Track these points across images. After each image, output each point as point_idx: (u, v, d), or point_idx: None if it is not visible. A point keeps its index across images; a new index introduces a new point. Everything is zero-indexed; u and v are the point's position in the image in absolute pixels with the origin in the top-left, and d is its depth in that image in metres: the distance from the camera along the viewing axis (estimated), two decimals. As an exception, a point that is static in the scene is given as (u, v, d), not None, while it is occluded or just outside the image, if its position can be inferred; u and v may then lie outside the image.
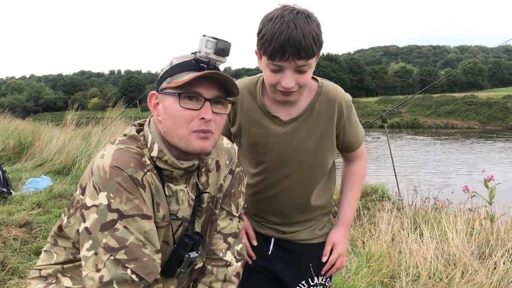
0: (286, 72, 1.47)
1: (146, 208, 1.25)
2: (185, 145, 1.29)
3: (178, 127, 1.28)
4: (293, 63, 1.43)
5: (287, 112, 1.63)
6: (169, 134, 1.31)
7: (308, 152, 1.64)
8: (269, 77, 1.51)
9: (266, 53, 1.45)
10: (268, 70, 1.50)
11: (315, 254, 1.77)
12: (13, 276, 3.16)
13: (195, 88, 1.28)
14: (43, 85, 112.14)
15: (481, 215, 4.18)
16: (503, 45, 6.71)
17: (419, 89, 76.66)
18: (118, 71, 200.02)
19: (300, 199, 1.70)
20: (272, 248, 1.75)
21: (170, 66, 1.33)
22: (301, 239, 1.75)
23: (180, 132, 1.29)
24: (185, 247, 1.36)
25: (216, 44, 1.29)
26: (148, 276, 1.22)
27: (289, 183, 1.67)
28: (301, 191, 1.69)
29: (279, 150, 1.64)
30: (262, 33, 1.45)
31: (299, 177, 1.67)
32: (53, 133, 8.85)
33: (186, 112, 1.27)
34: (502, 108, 46.78)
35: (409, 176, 13.52)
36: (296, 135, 1.63)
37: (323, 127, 1.63)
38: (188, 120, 1.28)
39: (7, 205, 4.87)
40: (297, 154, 1.64)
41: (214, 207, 1.48)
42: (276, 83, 1.51)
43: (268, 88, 1.57)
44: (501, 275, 3.01)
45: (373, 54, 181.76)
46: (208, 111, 1.28)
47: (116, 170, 1.22)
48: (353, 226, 4.37)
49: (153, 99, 1.36)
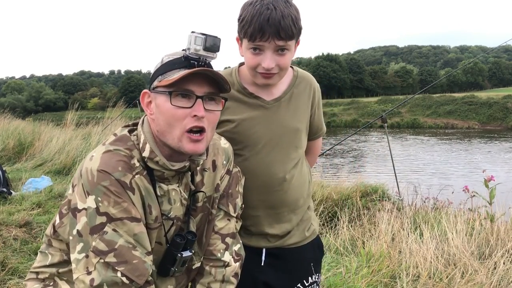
0: (266, 53, 1.50)
1: (135, 210, 1.25)
2: (177, 146, 1.29)
3: (171, 126, 1.28)
4: (273, 43, 1.47)
5: (268, 93, 1.66)
6: (162, 133, 1.30)
7: (290, 131, 1.66)
8: (250, 59, 1.54)
9: (247, 35, 1.49)
10: (249, 53, 1.53)
11: (307, 254, 1.76)
12: (13, 276, 3.16)
13: (186, 86, 1.27)
14: (43, 85, 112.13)
15: (481, 215, 4.18)
16: (503, 45, 6.71)
17: (419, 89, 76.66)
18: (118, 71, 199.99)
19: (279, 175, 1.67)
20: (264, 258, 1.71)
21: (161, 64, 1.32)
22: (292, 243, 1.73)
23: (174, 131, 1.28)
24: (177, 246, 1.36)
25: (205, 40, 1.28)
26: (138, 278, 1.22)
27: (270, 160, 1.65)
28: (280, 169, 1.66)
29: (263, 130, 1.64)
30: (243, 16, 1.50)
31: (279, 156, 1.66)
32: (53, 133, 8.85)
33: (178, 110, 1.27)
34: (502, 108, 46.76)
35: (409, 176, 13.52)
36: (280, 114, 1.65)
37: (302, 108, 1.70)
38: (180, 119, 1.27)
39: (7, 205, 4.87)
40: (279, 133, 1.65)
41: (211, 207, 1.47)
42: (257, 65, 1.53)
43: (249, 71, 1.59)
44: (501, 275, 3.01)
45: (373, 54, 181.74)
46: (200, 108, 1.27)
47: (103, 174, 1.23)
48: (353, 226, 4.37)
49: (145, 98, 1.35)
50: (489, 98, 49.65)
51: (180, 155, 1.32)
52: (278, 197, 1.68)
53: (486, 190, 4.27)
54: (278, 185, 1.67)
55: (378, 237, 3.78)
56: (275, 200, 1.68)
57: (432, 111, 50.20)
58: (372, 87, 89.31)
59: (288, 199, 1.70)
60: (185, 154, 1.31)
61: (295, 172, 1.71)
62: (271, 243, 1.71)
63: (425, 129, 45.47)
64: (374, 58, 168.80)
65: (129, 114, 10.20)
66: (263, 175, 1.65)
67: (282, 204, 1.69)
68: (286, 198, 1.69)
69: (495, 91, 67.67)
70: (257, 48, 1.51)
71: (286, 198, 1.69)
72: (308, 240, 1.78)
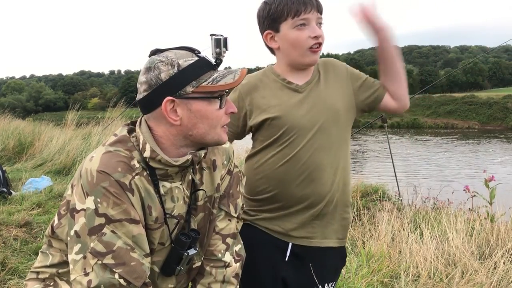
0: (312, 24, 1.61)
1: (134, 212, 1.25)
2: (217, 141, 1.35)
3: (213, 127, 1.32)
4: (315, 14, 1.61)
5: (301, 78, 1.71)
6: (200, 136, 1.32)
7: (329, 111, 1.68)
8: (299, 36, 1.61)
9: (290, 13, 1.59)
10: (295, 31, 1.61)
11: (330, 260, 1.74)
12: (13, 276, 3.16)
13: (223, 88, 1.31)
14: (43, 85, 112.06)
15: (481, 215, 4.18)
16: (503, 45, 6.72)
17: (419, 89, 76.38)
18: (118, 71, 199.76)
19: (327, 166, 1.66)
20: (289, 254, 1.70)
21: (181, 69, 1.26)
22: (318, 241, 1.71)
23: (215, 130, 1.33)
24: (183, 245, 1.36)
25: (220, 41, 1.46)
26: (136, 280, 1.22)
27: (316, 146, 1.66)
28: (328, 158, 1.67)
29: (302, 113, 1.66)
30: (276, 4, 1.61)
31: (325, 141, 1.67)
32: (53, 133, 8.84)
33: (221, 111, 1.33)
34: (502, 108, 46.75)
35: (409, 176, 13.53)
36: (315, 95, 1.69)
37: (335, 86, 1.73)
38: (219, 118, 1.33)
39: (7, 205, 4.87)
40: (318, 114, 1.67)
41: (211, 206, 1.47)
42: (307, 39, 1.60)
43: (297, 51, 1.64)
44: (501, 275, 3.01)
45: (373, 54, 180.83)
46: (231, 105, 1.37)
47: (102, 175, 1.22)
48: (353, 226, 4.37)
49: (168, 105, 1.28)
50: (489, 98, 49.64)
51: (179, 151, 1.33)
52: (319, 188, 1.66)
53: (487, 190, 4.27)
54: (322, 173, 1.66)
55: (378, 237, 3.78)
56: (316, 192, 1.66)
57: (432, 111, 50.20)
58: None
59: (328, 190, 1.67)
60: (214, 145, 1.39)
61: (340, 162, 1.70)
62: (298, 239, 1.70)
63: (425, 129, 45.46)
64: (374, 58, 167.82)
65: (129, 114, 10.19)
66: (307, 162, 1.65)
67: (321, 197, 1.67)
68: (326, 189, 1.67)
69: (495, 91, 67.65)
70: (303, 24, 1.60)
71: (325, 190, 1.67)
72: (336, 245, 1.75)
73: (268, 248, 1.70)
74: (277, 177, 1.68)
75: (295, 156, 1.65)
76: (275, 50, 1.71)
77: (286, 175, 1.67)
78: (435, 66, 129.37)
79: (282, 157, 1.67)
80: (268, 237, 1.71)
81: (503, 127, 43.62)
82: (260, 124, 1.70)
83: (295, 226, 1.69)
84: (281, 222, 1.70)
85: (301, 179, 1.66)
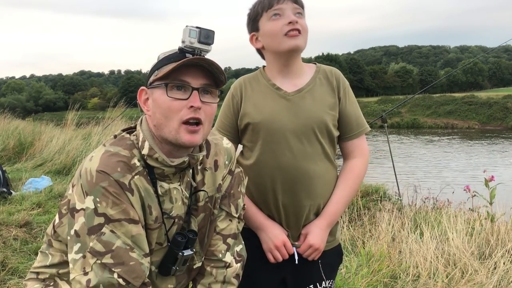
0: (286, 12, 1.61)
1: (133, 212, 1.25)
2: (175, 138, 1.28)
3: (168, 118, 1.28)
4: (290, 4, 1.61)
5: (292, 85, 1.69)
6: (159, 127, 1.30)
7: (314, 122, 1.65)
8: (273, 26, 1.62)
9: (265, 7, 1.62)
10: (270, 22, 1.62)
11: (325, 259, 1.74)
12: (13, 276, 3.16)
13: (182, 77, 1.27)
14: (43, 85, 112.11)
15: (481, 215, 4.18)
16: (503, 45, 6.71)
17: (419, 89, 76.62)
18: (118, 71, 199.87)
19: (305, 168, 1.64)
20: (297, 256, 1.69)
21: (157, 61, 1.33)
22: None
23: (171, 124, 1.28)
24: (179, 245, 1.36)
25: (199, 33, 1.29)
26: (134, 280, 1.22)
27: (295, 152, 1.63)
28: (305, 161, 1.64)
29: (286, 120, 1.64)
30: (253, 6, 1.67)
31: (304, 148, 1.64)
32: (53, 133, 8.85)
33: (175, 102, 1.27)
34: (502, 108, 46.73)
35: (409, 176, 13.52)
36: (302, 105, 1.66)
37: (327, 99, 1.69)
38: (177, 110, 1.27)
39: (7, 205, 4.87)
40: (303, 123, 1.64)
41: (212, 207, 1.47)
42: (282, 27, 1.60)
43: (275, 39, 1.63)
44: (501, 275, 3.01)
45: (373, 54, 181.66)
46: (196, 99, 1.27)
47: (102, 174, 1.22)
48: (353, 226, 4.37)
49: (142, 95, 1.35)
50: (489, 98, 49.64)
51: (179, 149, 1.32)
52: (303, 193, 1.65)
53: (487, 190, 4.27)
54: (304, 179, 1.64)
55: (378, 237, 3.78)
56: (300, 196, 1.65)
57: (432, 111, 50.20)
58: (372, 87, 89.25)
59: (314, 194, 1.66)
60: (182, 146, 1.30)
61: (323, 167, 1.67)
62: (293, 240, 1.70)
63: (425, 129, 45.45)
64: (374, 58, 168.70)
65: (129, 114, 10.19)
66: (289, 167, 1.63)
67: (307, 200, 1.65)
68: (312, 194, 1.65)
69: (495, 91, 67.65)
70: (277, 13, 1.61)
71: (311, 194, 1.65)
72: (330, 247, 1.75)
73: None
74: (259, 183, 1.67)
75: (274, 163, 1.64)
76: (262, 51, 1.71)
77: (266, 181, 1.65)
78: (435, 66, 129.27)
79: (263, 165, 1.65)
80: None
81: (503, 127, 43.59)
82: (244, 128, 1.70)
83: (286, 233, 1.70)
84: None
85: (283, 187, 1.65)
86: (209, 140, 1.48)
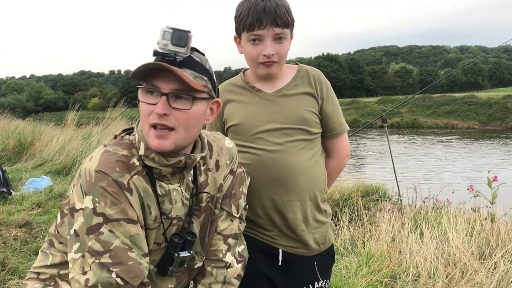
0: (266, 41, 1.58)
1: (132, 212, 1.25)
2: (146, 142, 1.28)
3: (143, 121, 1.29)
4: (271, 30, 1.57)
5: (272, 87, 1.70)
6: (142, 129, 1.31)
7: (295, 121, 1.66)
8: (251, 51, 1.61)
9: (246, 27, 1.58)
10: (249, 45, 1.61)
11: (317, 260, 1.75)
12: (13, 276, 3.16)
13: (153, 81, 1.25)
14: (43, 85, 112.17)
15: (482, 216, 4.18)
16: (503, 45, 6.71)
17: (419, 89, 76.62)
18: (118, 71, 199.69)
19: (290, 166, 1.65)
20: (281, 259, 1.69)
21: None
22: (306, 251, 1.72)
23: (144, 127, 1.28)
24: (175, 246, 1.36)
25: (172, 34, 1.23)
26: (133, 280, 1.22)
27: (277, 150, 1.65)
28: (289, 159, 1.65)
29: (265, 120, 1.66)
30: (239, 12, 1.61)
31: (286, 147, 1.65)
32: (53, 133, 8.85)
33: (145, 106, 1.26)
34: (502, 108, 46.73)
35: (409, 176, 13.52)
36: (282, 105, 1.67)
37: (306, 99, 1.70)
38: (148, 114, 1.26)
39: (7, 205, 4.88)
40: (283, 122, 1.66)
41: (213, 207, 1.47)
42: (258, 55, 1.60)
43: (251, 64, 1.65)
44: (501, 275, 3.01)
45: (373, 54, 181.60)
46: (160, 105, 1.23)
47: (100, 174, 1.23)
48: (353, 226, 4.37)
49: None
50: (489, 98, 49.63)
51: (174, 152, 1.31)
52: (286, 188, 1.66)
53: (488, 190, 4.26)
54: (286, 175, 1.65)
55: (378, 237, 3.78)
56: (283, 192, 1.66)
57: (432, 111, 50.20)
58: (372, 87, 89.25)
59: (297, 189, 1.66)
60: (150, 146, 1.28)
61: (305, 164, 1.68)
62: (284, 246, 1.70)
63: (425, 129, 45.45)
64: (374, 58, 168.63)
65: (129, 114, 10.19)
66: (271, 164, 1.64)
67: (290, 196, 1.66)
68: (295, 189, 1.66)
69: (495, 91, 67.66)
70: (256, 39, 1.59)
71: (295, 189, 1.66)
72: (324, 249, 1.76)
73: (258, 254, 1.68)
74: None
75: (256, 162, 1.65)
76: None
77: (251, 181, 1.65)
78: (435, 66, 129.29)
79: (246, 167, 1.64)
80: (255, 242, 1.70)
81: (503, 127, 43.60)
82: (228, 131, 1.73)
83: (278, 234, 1.70)
84: (263, 230, 1.70)
85: (265, 184, 1.65)
86: (210, 140, 1.48)
